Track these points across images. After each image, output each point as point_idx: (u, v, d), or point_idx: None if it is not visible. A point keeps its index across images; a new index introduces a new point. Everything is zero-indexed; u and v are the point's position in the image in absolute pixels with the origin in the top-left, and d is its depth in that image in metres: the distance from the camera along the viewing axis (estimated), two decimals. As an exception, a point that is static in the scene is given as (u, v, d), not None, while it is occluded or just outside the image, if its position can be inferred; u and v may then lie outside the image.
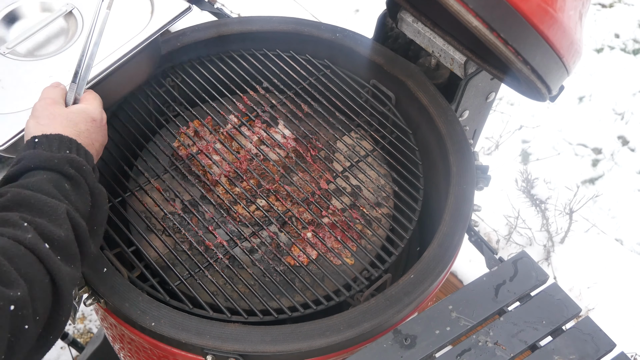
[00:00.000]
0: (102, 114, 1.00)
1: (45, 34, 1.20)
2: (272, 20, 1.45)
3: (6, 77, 1.11)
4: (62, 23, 1.21)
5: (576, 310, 1.07)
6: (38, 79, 1.11)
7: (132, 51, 1.15)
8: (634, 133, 2.67)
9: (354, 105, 1.38)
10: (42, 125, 0.92)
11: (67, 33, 1.20)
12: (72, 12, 1.21)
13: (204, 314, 1.08)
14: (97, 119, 0.98)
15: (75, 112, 0.96)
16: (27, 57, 1.15)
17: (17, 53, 1.15)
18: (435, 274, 1.09)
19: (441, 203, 1.23)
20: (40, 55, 1.16)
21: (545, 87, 1.07)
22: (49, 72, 1.12)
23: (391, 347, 1.00)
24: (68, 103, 0.99)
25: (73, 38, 1.18)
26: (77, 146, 0.91)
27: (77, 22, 1.20)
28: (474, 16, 0.97)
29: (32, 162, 0.85)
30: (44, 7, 1.23)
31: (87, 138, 0.95)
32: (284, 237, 1.25)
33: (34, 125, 0.93)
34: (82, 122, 0.95)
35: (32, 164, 0.85)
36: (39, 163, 0.85)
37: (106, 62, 1.12)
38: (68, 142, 0.90)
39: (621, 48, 2.98)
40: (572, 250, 2.23)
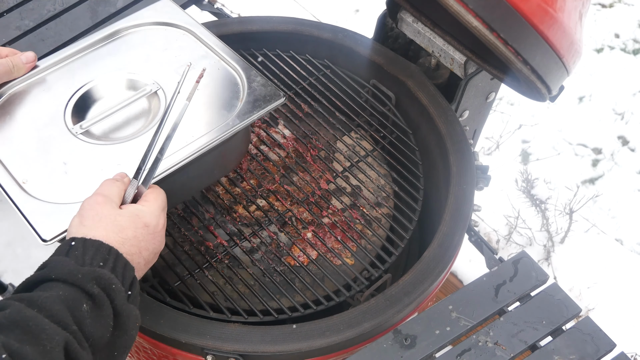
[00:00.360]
0: (158, 218, 0.88)
1: (125, 115, 1.09)
2: (272, 20, 1.45)
3: (72, 161, 1.01)
4: (145, 104, 1.10)
5: (576, 310, 1.07)
6: (105, 166, 1.00)
7: (211, 143, 1.02)
8: (634, 133, 2.66)
9: (354, 105, 1.38)
10: (84, 227, 0.83)
11: (148, 115, 1.09)
12: (157, 92, 1.11)
13: (204, 314, 1.08)
14: (151, 224, 0.86)
15: (126, 215, 0.85)
16: (100, 139, 1.05)
17: (91, 134, 1.06)
18: (435, 274, 1.09)
19: (441, 203, 1.23)
20: (114, 138, 1.06)
21: (545, 87, 1.07)
22: (118, 159, 1.01)
23: (391, 347, 1.00)
24: (126, 200, 0.89)
25: (153, 121, 1.07)
26: (115, 257, 0.80)
27: (161, 104, 1.09)
28: (474, 16, 0.97)
29: (54, 271, 0.76)
30: (129, 84, 1.13)
31: (133, 246, 0.83)
32: (284, 237, 1.25)
33: (77, 225, 0.84)
34: (131, 227, 0.84)
35: (54, 275, 0.75)
36: (61, 275, 0.75)
37: (180, 155, 1.00)
38: (106, 252, 0.79)
39: (621, 48, 2.98)
40: (572, 250, 2.23)
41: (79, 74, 1.14)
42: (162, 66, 1.15)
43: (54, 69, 1.14)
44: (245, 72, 1.12)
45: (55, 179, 0.99)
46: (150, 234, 0.86)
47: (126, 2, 1.53)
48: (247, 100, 1.08)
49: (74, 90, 1.11)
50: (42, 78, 1.13)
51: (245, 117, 1.05)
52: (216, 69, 1.14)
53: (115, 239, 0.82)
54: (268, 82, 1.10)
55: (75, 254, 0.78)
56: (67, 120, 1.07)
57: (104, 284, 0.76)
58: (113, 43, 1.19)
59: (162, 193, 0.91)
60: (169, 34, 1.20)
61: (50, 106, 1.09)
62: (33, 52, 1.13)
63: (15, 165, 1.01)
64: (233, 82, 1.12)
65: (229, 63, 1.14)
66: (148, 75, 1.13)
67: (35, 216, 0.94)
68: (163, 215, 0.90)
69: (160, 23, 1.21)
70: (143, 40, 1.19)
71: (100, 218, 0.83)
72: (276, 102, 1.08)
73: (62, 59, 1.16)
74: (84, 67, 1.15)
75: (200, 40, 1.18)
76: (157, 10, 1.24)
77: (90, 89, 1.12)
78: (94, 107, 1.11)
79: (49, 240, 0.91)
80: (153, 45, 1.18)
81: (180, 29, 1.21)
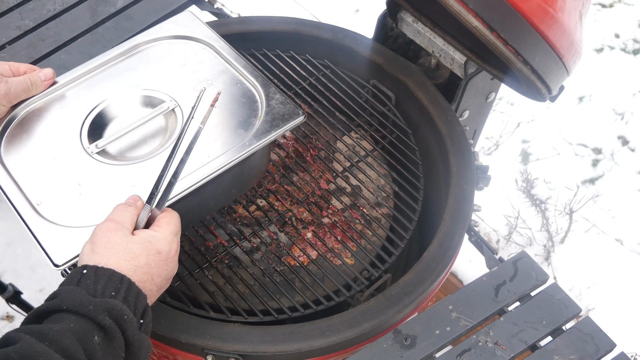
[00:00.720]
0: (171, 243, 0.86)
1: (141, 133, 1.07)
2: (272, 20, 1.45)
3: (87, 183, 1.00)
4: (162, 122, 1.09)
5: (576, 310, 1.07)
6: (119, 187, 0.99)
7: (227, 164, 1.00)
8: (634, 133, 2.66)
9: (354, 105, 1.38)
10: (96, 254, 0.81)
11: (164, 133, 1.07)
12: (174, 110, 1.09)
13: (204, 314, 1.08)
14: (164, 250, 0.85)
15: (138, 242, 0.83)
16: (115, 159, 1.03)
17: (106, 153, 1.04)
18: (435, 274, 1.09)
19: (441, 203, 1.23)
20: (130, 158, 1.04)
21: (545, 87, 1.07)
22: (132, 180, 0.99)
23: (391, 347, 1.00)
24: (139, 225, 0.87)
25: (169, 140, 1.05)
26: (127, 287, 0.79)
27: (178, 122, 1.07)
28: (474, 16, 0.97)
29: (65, 302, 0.74)
30: (146, 101, 1.11)
31: (145, 274, 0.82)
32: (284, 237, 1.25)
33: (89, 252, 0.82)
34: (143, 254, 0.83)
35: (65, 305, 0.74)
36: (72, 306, 0.74)
37: (195, 177, 0.98)
38: (118, 282, 0.78)
39: (621, 48, 2.98)
40: (572, 250, 2.23)
41: (97, 90, 1.12)
42: (180, 82, 1.12)
43: (72, 85, 1.13)
44: (264, 89, 1.10)
45: (69, 201, 0.98)
46: (162, 261, 0.85)
47: (126, 2, 1.53)
48: (265, 119, 1.05)
49: (90, 108, 1.09)
50: (60, 94, 1.12)
51: (262, 136, 1.03)
52: (234, 85, 1.12)
53: (127, 267, 0.81)
54: (287, 100, 1.08)
55: (86, 283, 0.77)
56: (83, 139, 1.05)
57: (115, 315, 0.75)
58: (132, 57, 1.17)
59: (175, 217, 0.90)
60: (189, 48, 1.18)
61: (66, 124, 1.08)
62: (51, 69, 1.11)
63: (30, 186, 0.99)
64: (251, 99, 1.10)
65: (247, 79, 1.12)
66: (166, 92, 1.11)
67: (48, 240, 0.93)
68: (176, 240, 0.88)
69: (179, 37, 1.20)
70: (162, 54, 1.17)
71: (112, 245, 0.82)
72: (295, 120, 1.05)
73: (81, 74, 1.14)
74: (102, 82, 1.13)
75: (220, 54, 1.17)
76: (178, 23, 1.22)
77: (107, 106, 1.10)
78: (110, 125, 1.09)
79: (61, 265, 0.90)
80: (172, 60, 1.16)
81: (200, 43, 1.19)
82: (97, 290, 0.77)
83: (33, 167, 1.02)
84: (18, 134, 1.06)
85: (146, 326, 0.80)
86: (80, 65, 1.16)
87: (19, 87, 1.06)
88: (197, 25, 1.21)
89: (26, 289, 2.10)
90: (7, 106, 1.06)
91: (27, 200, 0.98)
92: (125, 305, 0.77)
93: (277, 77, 1.40)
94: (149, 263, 0.83)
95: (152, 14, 1.52)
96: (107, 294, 0.77)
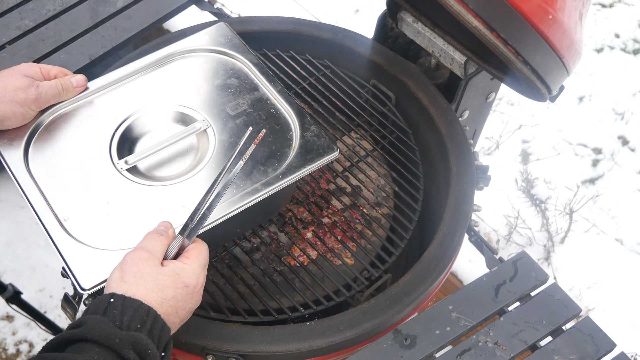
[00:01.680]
0: (198, 277, 0.86)
1: (171, 151, 1.04)
2: (272, 20, 1.45)
3: (116, 201, 0.97)
4: (193, 140, 1.06)
5: (576, 310, 1.07)
6: (149, 210, 0.96)
7: (258, 197, 0.98)
8: (634, 133, 2.66)
9: (354, 105, 1.38)
10: (124, 283, 0.81)
11: (195, 154, 1.05)
12: (207, 131, 1.06)
13: (204, 314, 1.08)
14: (191, 284, 0.84)
15: (167, 274, 0.83)
16: (144, 177, 1.01)
17: (136, 171, 1.02)
18: (435, 274, 1.09)
19: (441, 203, 1.23)
20: (160, 178, 1.02)
21: (545, 87, 1.07)
22: (162, 203, 0.97)
23: (391, 347, 1.00)
24: (168, 255, 0.87)
25: (201, 163, 1.03)
26: (153, 319, 0.78)
27: (209, 144, 1.04)
28: (474, 16, 0.97)
29: (91, 332, 0.74)
30: (179, 118, 1.09)
31: (171, 307, 0.82)
32: (284, 237, 1.25)
33: (117, 280, 0.82)
34: (171, 287, 0.82)
35: (91, 336, 0.73)
36: (98, 338, 0.73)
37: (225, 208, 0.96)
38: (145, 314, 0.78)
39: (621, 48, 2.98)
40: (572, 250, 2.23)
41: (128, 100, 1.10)
42: (214, 100, 1.10)
43: (102, 92, 1.10)
44: (299, 118, 1.08)
45: (98, 219, 0.96)
46: (189, 294, 0.84)
47: (126, 2, 1.53)
48: (299, 152, 1.03)
49: (121, 120, 1.07)
50: (90, 101, 1.09)
51: (296, 170, 1.01)
52: (269, 111, 1.09)
53: (154, 298, 0.80)
54: (322, 133, 1.06)
55: (113, 313, 0.77)
56: (113, 154, 1.03)
57: (140, 349, 0.75)
58: (164, 68, 1.15)
59: (204, 249, 0.89)
60: (223, 64, 1.16)
61: (96, 135, 1.05)
62: (84, 76, 1.09)
63: (57, 199, 0.97)
64: (285, 127, 1.07)
65: (282, 105, 1.10)
66: (198, 110, 1.09)
67: (75, 261, 0.91)
68: (203, 274, 0.88)
69: (214, 51, 1.17)
70: (195, 68, 1.15)
71: (141, 275, 0.81)
72: (329, 156, 1.03)
73: (111, 82, 1.11)
74: (133, 92, 1.11)
75: (255, 74, 1.14)
76: (212, 35, 1.19)
77: (138, 119, 1.08)
78: (141, 140, 1.07)
79: (87, 290, 0.89)
80: (205, 75, 1.14)
81: (234, 60, 1.16)
82: (123, 322, 0.76)
83: (60, 179, 0.99)
84: (45, 141, 1.03)
85: (167, 359, 0.81)
86: (111, 72, 1.13)
87: (49, 92, 1.03)
88: (231, 39, 1.18)
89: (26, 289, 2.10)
90: (35, 111, 1.04)
91: (54, 214, 0.95)
92: (150, 339, 0.77)
93: (277, 77, 1.40)
94: (176, 296, 0.83)
95: (152, 14, 1.52)
96: (132, 326, 0.76)
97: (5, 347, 2.06)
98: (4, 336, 2.08)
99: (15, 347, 2.06)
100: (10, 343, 2.07)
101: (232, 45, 1.17)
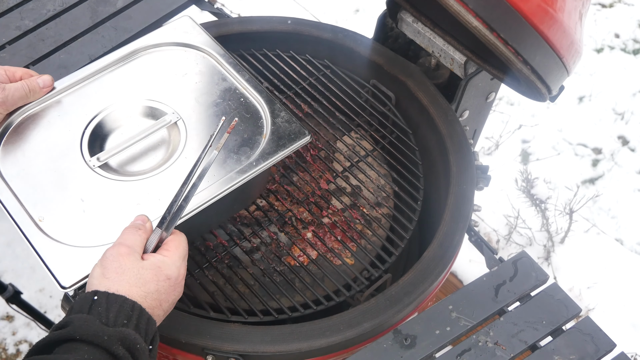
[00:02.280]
0: (179, 268, 0.86)
1: (143, 146, 1.04)
2: (272, 20, 1.45)
3: (90, 198, 0.97)
4: (164, 134, 1.06)
5: (576, 310, 1.07)
6: (125, 205, 0.96)
7: (234, 185, 0.99)
8: (634, 133, 2.66)
9: (354, 105, 1.38)
10: (107, 279, 0.81)
11: (167, 147, 1.05)
12: (177, 123, 1.06)
13: (204, 314, 1.08)
14: (173, 276, 0.85)
15: (149, 267, 0.83)
16: (117, 173, 1.01)
17: (108, 167, 1.01)
18: (435, 274, 1.09)
19: (441, 203, 1.23)
20: (133, 173, 1.02)
21: (545, 87, 1.07)
22: (138, 197, 0.97)
23: (391, 347, 1.00)
24: (148, 249, 0.87)
25: (173, 155, 1.03)
26: (139, 314, 0.79)
27: (181, 136, 1.04)
28: (474, 16, 0.97)
29: (79, 332, 0.73)
30: (148, 112, 1.09)
31: (154, 300, 0.82)
32: (284, 237, 1.25)
33: (99, 277, 0.81)
34: (154, 280, 0.82)
35: (78, 335, 0.73)
36: (87, 337, 0.73)
37: (201, 197, 0.97)
38: (129, 309, 0.78)
39: (621, 48, 2.98)
40: (572, 250, 2.23)
41: (96, 97, 1.09)
42: (182, 93, 1.10)
43: (69, 92, 1.10)
44: (268, 105, 1.08)
45: (73, 217, 0.95)
46: (171, 286, 0.85)
47: (126, 2, 1.53)
48: (271, 138, 1.04)
49: (90, 117, 1.06)
50: (58, 101, 1.08)
51: (269, 157, 1.02)
52: (238, 100, 1.10)
53: (138, 293, 0.81)
54: (292, 119, 1.07)
55: (98, 310, 0.77)
56: (84, 151, 1.02)
57: (128, 344, 0.75)
58: (131, 64, 1.14)
59: (183, 240, 0.90)
60: (189, 56, 1.16)
61: (66, 134, 1.04)
62: (50, 76, 1.08)
63: (31, 200, 0.96)
64: (256, 115, 1.08)
65: (251, 93, 1.10)
66: (167, 103, 1.09)
67: (53, 261, 0.90)
68: (184, 265, 0.88)
69: (180, 44, 1.17)
70: (162, 62, 1.15)
71: (123, 271, 0.81)
72: (301, 140, 1.04)
73: (78, 80, 1.11)
74: (100, 89, 1.10)
75: (222, 65, 1.14)
76: (177, 29, 1.18)
77: (108, 115, 1.07)
78: (112, 136, 1.07)
79: (68, 288, 0.89)
80: (172, 68, 1.14)
81: (200, 52, 1.16)
82: (109, 318, 0.76)
83: (33, 180, 0.99)
84: (15, 143, 1.02)
85: (154, 351, 0.81)
86: (78, 70, 1.13)
87: (16, 95, 1.03)
88: (197, 32, 1.18)
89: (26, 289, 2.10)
90: (3, 114, 1.03)
91: (29, 216, 0.95)
92: (137, 333, 0.77)
93: (277, 77, 1.40)
94: (159, 289, 0.83)
95: (152, 14, 1.52)
96: (119, 322, 0.76)
97: (5, 347, 2.06)
98: (4, 336, 2.08)
99: (15, 347, 2.06)
100: (10, 343, 2.07)
101: (198, 38, 1.18)
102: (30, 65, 1.41)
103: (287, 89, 1.39)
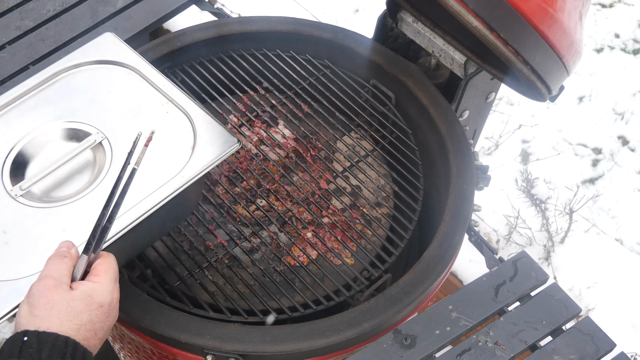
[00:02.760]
0: (112, 293, 0.82)
1: (67, 169, 1.00)
2: (272, 20, 1.45)
3: (13, 230, 0.92)
4: (89, 155, 1.02)
5: (576, 310, 1.07)
6: (49, 233, 0.92)
7: (163, 200, 0.95)
8: (634, 133, 2.66)
9: (354, 105, 1.38)
10: (35, 317, 0.76)
11: (92, 169, 1.01)
12: (102, 143, 1.02)
13: (204, 314, 1.08)
14: (105, 303, 0.81)
15: (79, 298, 0.79)
16: (41, 201, 0.97)
17: (32, 195, 0.97)
18: (435, 274, 1.09)
19: (441, 203, 1.23)
20: (57, 199, 0.97)
21: (545, 87, 1.07)
22: (63, 223, 0.93)
23: (391, 347, 1.00)
24: (75, 277, 0.82)
25: (100, 176, 0.99)
26: (73, 349, 0.74)
27: (107, 156, 1.01)
28: (474, 16, 0.97)
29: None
30: (72, 135, 1.04)
31: (88, 331, 0.78)
32: (284, 237, 1.25)
33: (27, 315, 0.76)
34: (86, 311, 0.78)
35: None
36: None
37: (130, 216, 0.93)
38: (63, 346, 0.74)
39: (621, 48, 2.98)
40: (572, 250, 2.23)
41: (16, 125, 1.04)
42: (107, 112, 1.06)
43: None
44: (197, 117, 1.05)
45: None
46: (104, 314, 0.81)
47: (126, 2, 1.53)
48: (198, 149, 1.01)
49: (10, 146, 1.02)
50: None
51: (197, 167, 0.99)
52: (164, 113, 1.06)
53: (70, 327, 0.76)
54: (220, 127, 1.04)
55: (29, 352, 0.72)
56: (5, 181, 0.98)
57: None
58: (52, 87, 1.09)
59: (112, 262, 0.85)
60: (113, 73, 1.11)
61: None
62: None
63: None
64: (183, 128, 1.04)
65: (177, 105, 1.07)
66: (91, 123, 1.05)
67: None
68: (116, 288, 0.84)
69: (102, 62, 1.12)
70: (85, 82, 1.10)
71: (52, 306, 0.77)
72: (230, 149, 1.01)
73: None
74: (20, 117, 1.05)
75: (146, 79, 1.10)
76: (99, 47, 1.14)
77: (29, 142, 1.03)
78: (34, 162, 1.02)
79: None
80: (96, 87, 1.09)
81: (124, 68, 1.12)
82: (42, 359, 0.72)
83: None
84: None
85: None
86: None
87: None
88: (120, 48, 1.14)
89: (26, 289, 2.09)
90: None
91: None
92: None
93: (277, 77, 1.40)
94: (92, 319, 0.79)
95: (152, 14, 1.52)
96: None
97: (5, 347, 2.06)
98: (4, 336, 2.08)
99: (15, 347, 2.06)
100: (10, 343, 2.07)
101: (121, 54, 1.13)
102: (30, 65, 1.41)
103: (287, 89, 1.39)
